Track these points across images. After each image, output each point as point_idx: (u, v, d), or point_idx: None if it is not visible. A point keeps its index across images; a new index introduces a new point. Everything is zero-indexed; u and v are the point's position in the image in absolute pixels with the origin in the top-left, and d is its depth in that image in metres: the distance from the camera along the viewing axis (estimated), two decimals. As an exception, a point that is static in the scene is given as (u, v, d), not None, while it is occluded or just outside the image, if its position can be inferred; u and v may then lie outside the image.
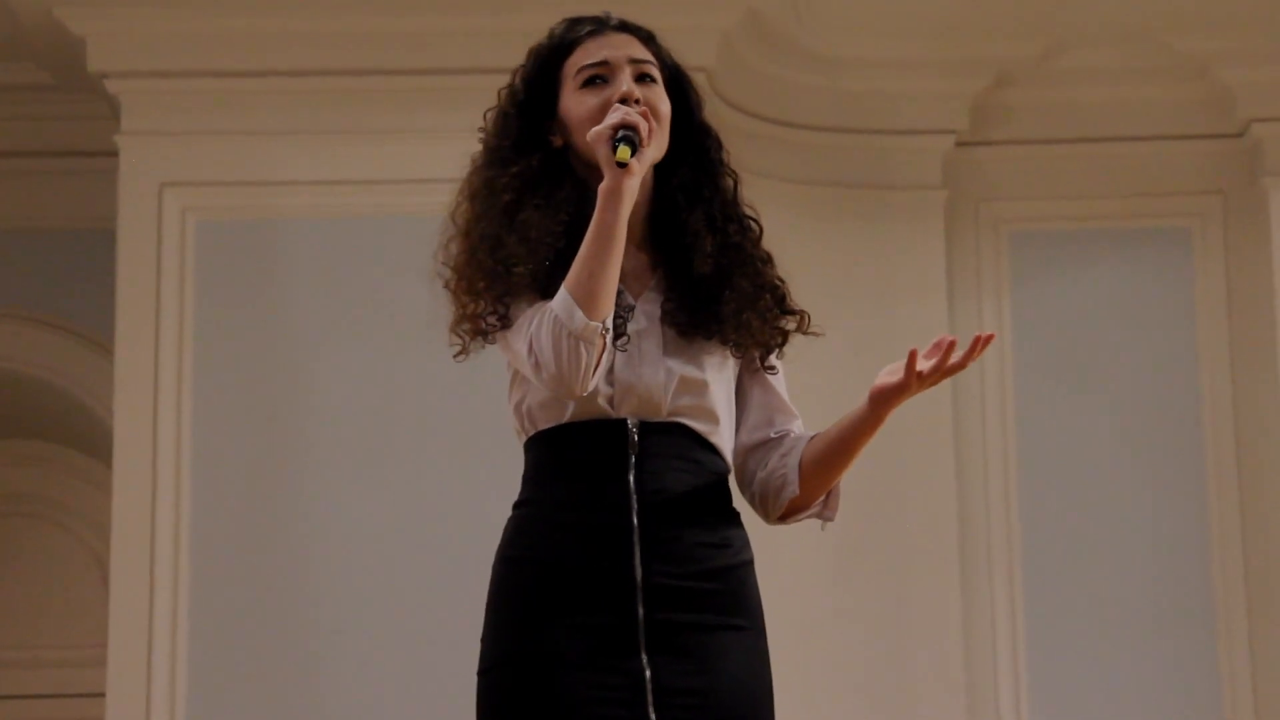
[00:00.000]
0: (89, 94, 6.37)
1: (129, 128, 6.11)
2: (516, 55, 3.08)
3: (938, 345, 2.94)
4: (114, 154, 6.12)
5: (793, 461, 3.01)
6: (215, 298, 6.05)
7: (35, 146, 6.74)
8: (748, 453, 3.05)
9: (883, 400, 2.95)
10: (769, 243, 3.08)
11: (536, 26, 3.10)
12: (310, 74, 6.10)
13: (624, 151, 2.78)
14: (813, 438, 3.01)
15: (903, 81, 6.56)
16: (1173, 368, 6.59)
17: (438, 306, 2.97)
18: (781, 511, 3.04)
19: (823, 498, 3.03)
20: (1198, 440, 6.55)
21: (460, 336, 2.95)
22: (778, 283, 3.03)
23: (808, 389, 3.17)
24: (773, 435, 3.05)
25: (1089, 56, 6.60)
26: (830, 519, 3.06)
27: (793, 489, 3.00)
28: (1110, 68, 6.62)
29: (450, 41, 6.05)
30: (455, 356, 2.97)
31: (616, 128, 2.81)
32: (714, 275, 2.96)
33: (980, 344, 2.91)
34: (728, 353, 2.97)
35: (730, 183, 3.06)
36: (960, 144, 6.65)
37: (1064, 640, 6.42)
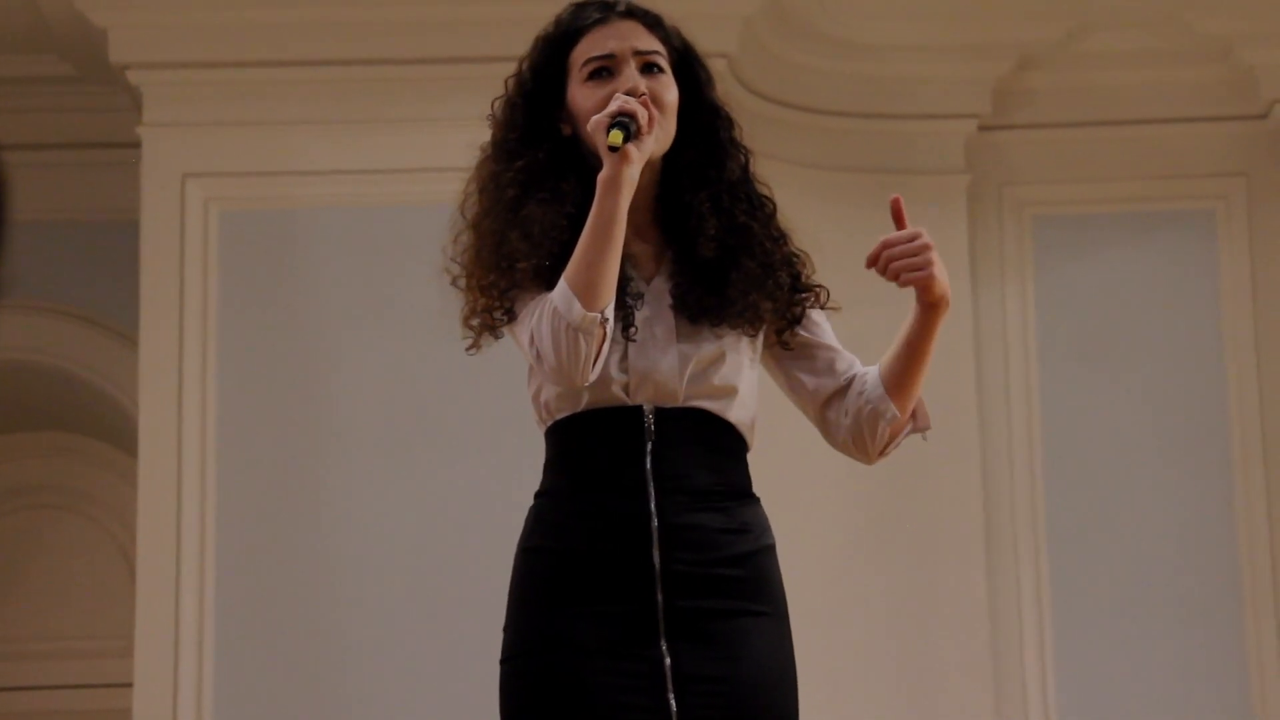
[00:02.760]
0: (111, 86, 6.38)
1: (151, 119, 6.12)
2: (531, 43, 3.07)
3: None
4: (136, 145, 6.13)
5: (878, 392, 2.98)
6: (238, 288, 6.05)
7: (58, 138, 6.75)
8: (824, 409, 3.03)
9: (926, 291, 2.93)
10: (793, 228, 3.06)
11: (550, 14, 3.09)
12: (331, 64, 6.11)
13: (615, 135, 2.76)
14: (880, 366, 2.99)
15: (924, 66, 6.54)
16: (1197, 351, 6.57)
17: (449, 299, 2.97)
18: (884, 443, 3.01)
19: (910, 416, 3.01)
20: (1223, 423, 6.53)
21: (471, 330, 2.95)
22: (792, 259, 3.01)
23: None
24: (841, 384, 3.02)
25: (1111, 39, 6.58)
26: (927, 428, 3.05)
27: (892, 413, 2.98)
28: (1133, 50, 6.60)
29: (470, 29, 6.05)
30: (467, 350, 2.97)
31: (614, 116, 2.79)
32: (719, 258, 2.94)
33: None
34: (741, 332, 2.95)
35: (740, 162, 3.03)
36: (983, 128, 6.63)
37: (1090, 626, 6.40)
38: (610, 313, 2.80)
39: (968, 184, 6.58)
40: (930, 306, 2.93)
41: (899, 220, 2.94)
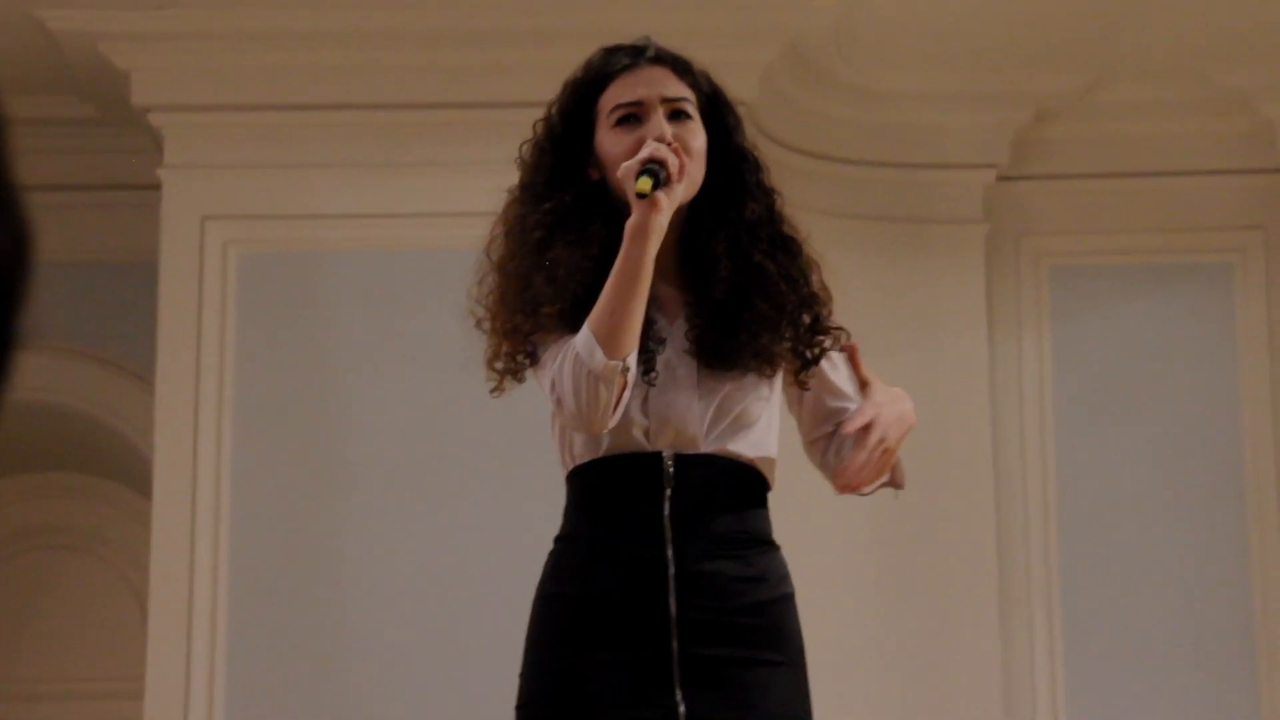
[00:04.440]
0: (132, 128, 6.40)
1: (171, 161, 6.14)
2: (553, 87, 3.08)
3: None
4: (156, 187, 6.15)
5: (830, 459, 2.99)
6: (256, 330, 6.06)
7: (78, 180, 6.76)
8: (813, 445, 3.04)
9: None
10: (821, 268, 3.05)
11: (576, 59, 3.09)
12: (351, 108, 6.13)
13: (644, 182, 2.76)
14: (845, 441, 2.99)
15: (943, 115, 6.55)
16: (1214, 404, 6.56)
17: (473, 341, 2.97)
18: (850, 492, 3.03)
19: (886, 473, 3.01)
20: (1239, 478, 6.51)
21: (495, 373, 2.94)
22: (812, 300, 2.99)
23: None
24: (832, 429, 3.03)
25: (1130, 90, 6.59)
26: (900, 487, 3.04)
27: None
28: (1151, 102, 6.60)
29: (490, 75, 6.07)
30: (491, 393, 2.97)
31: (644, 163, 2.79)
32: (731, 300, 2.93)
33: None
34: (758, 374, 2.94)
35: (765, 203, 3.02)
36: (1001, 178, 6.63)
37: (1104, 677, 6.38)
38: (633, 361, 2.80)
39: (986, 234, 6.59)
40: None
41: (855, 365, 2.89)
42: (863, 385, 2.88)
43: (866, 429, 2.84)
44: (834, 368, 3.03)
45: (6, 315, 1.05)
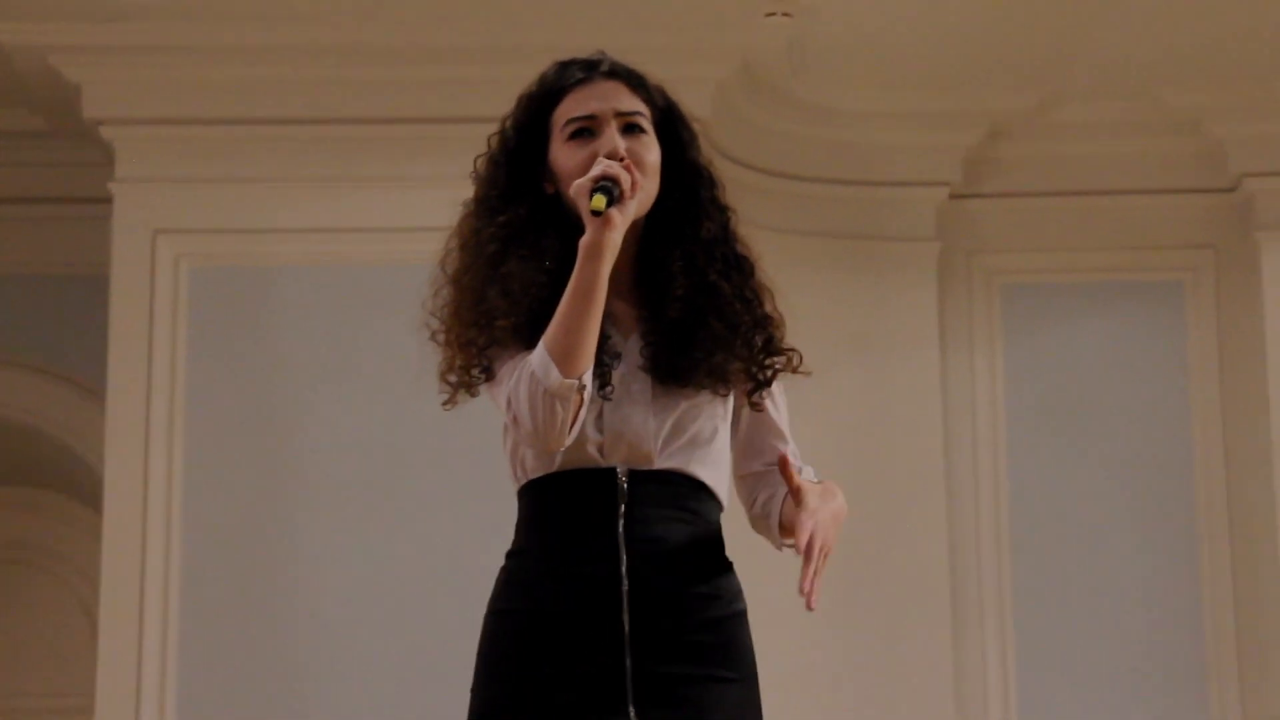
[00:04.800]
0: (83, 140, 6.38)
1: (123, 174, 6.12)
2: (508, 104, 3.07)
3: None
4: (108, 200, 6.13)
5: (773, 520, 2.99)
6: (208, 344, 6.04)
7: (29, 192, 6.74)
8: (742, 480, 3.04)
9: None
10: (773, 290, 3.05)
11: (530, 75, 3.09)
12: (303, 122, 6.11)
13: (598, 200, 2.75)
14: (782, 507, 2.98)
15: (896, 133, 6.57)
16: (1165, 420, 6.59)
17: (427, 355, 2.96)
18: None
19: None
20: (1190, 493, 6.54)
21: (448, 385, 2.93)
22: (765, 321, 2.99)
23: (800, 439, 3.16)
24: (760, 468, 3.03)
25: (1082, 110, 6.62)
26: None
27: (778, 541, 2.99)
28: (1103, 122, 6.64)
29: (443, 90, 6.06)
30: (443, 405, 2.96)
31: (596, 180, 2.79)
32: (686, 319, 2.92)
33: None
34: (712, 392, 2.94)
35: (720, 221, 3.02)
36: (953, 196, 6.66)
37: (1056, 692, 6.40)
38: (588, 379, 2.79)
39: (938, 251, 6.61)
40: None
41: (787, 478, 2.88)
42: (795, 493, 2.87)
43: (809, 544, 2.83)
44: (774, 406, 3.03)
45: None
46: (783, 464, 2.86)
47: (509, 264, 2.89)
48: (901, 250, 6.58)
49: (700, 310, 2.93)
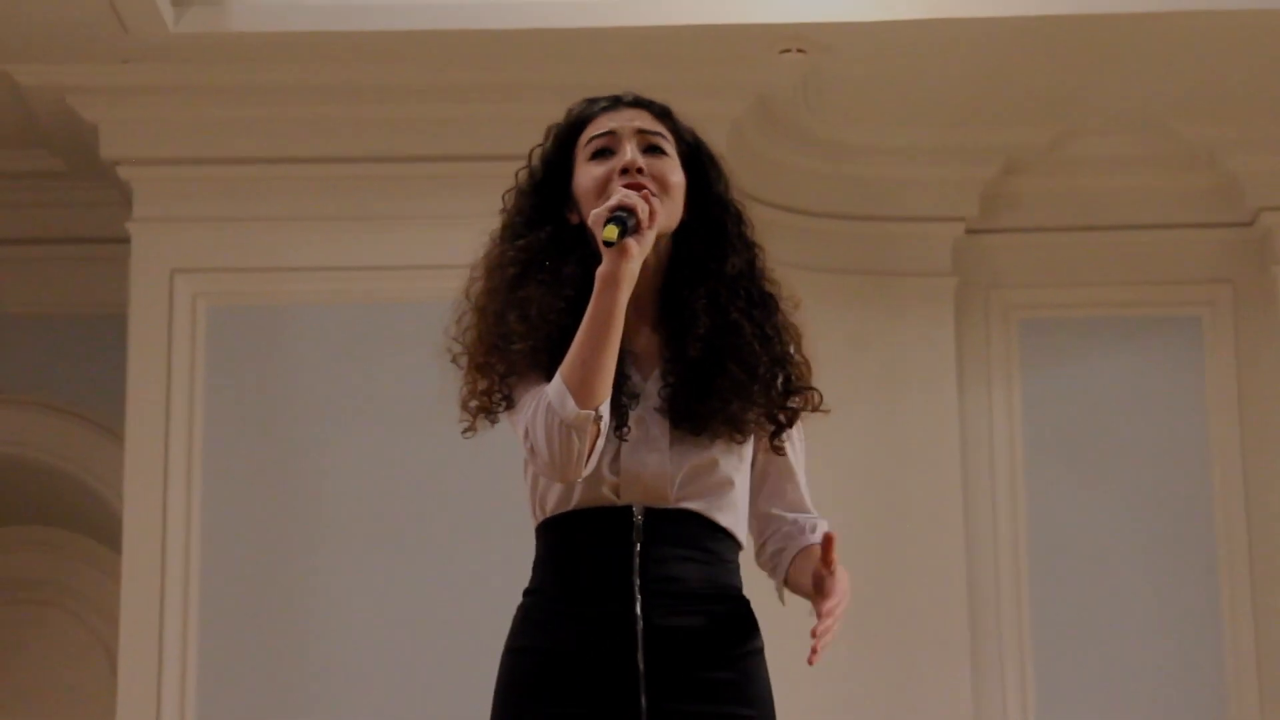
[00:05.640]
0: (101, 181, 6.40)
1: (140, 214, 6.13)
2: (523, 141, 3.08)
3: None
4: (125, 240, 6.14)
5: (779, 575, 2.99)
6: (225, 383, 6.05)
7: (47, 233, 6.76)
8: (760, 520, 3.03)
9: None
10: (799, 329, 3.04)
11: (543, 113, 3.10)
12: (320, 161, 6.13)
13: (610, 230, 2.73)
14: (796, 567, 2.97)
15: (912, 168, 6.57)
16: (1183, 455, 6.57)
17: (444, 390, 2.96)
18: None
19: None
20: (1209, 529, 6.52)
21: (468, 413, 2.93)
22: (785, 359, 2.97)
23: (818, 475, 3.16)
24: (776, 512, 3.02)
25: (1098, 145, 6.62)
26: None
27: (778, 587, 2.99)
28: (1119, 156, 6.63)
29: (457, 128, 6.07)
30: (464, 433, 2.95)
31: (613, 209, 2.79)
32: (706, 359, 2.92)
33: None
34: (729, 440, 2.93)
35: (746, 257, 3.02)
36: (970, 231, 6.66)
37: (1076, 729, 6.38)
38: (605, 410, 2.78)
39: (954, 286, 6.60)
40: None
41: (828, 561, 2.87)
42: (829, 571, 2.86)
43: (831, 611, 2.84)
44: (792, 447, 3.01)
45: None
46: (828, 544, 2.84)
47: (528, 288, 2.90)
48: (918, 285, 6.57)
49: (720, 352, 2.91)
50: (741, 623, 2.92)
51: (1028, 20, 5.87)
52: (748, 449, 2.97)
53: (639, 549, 2.86)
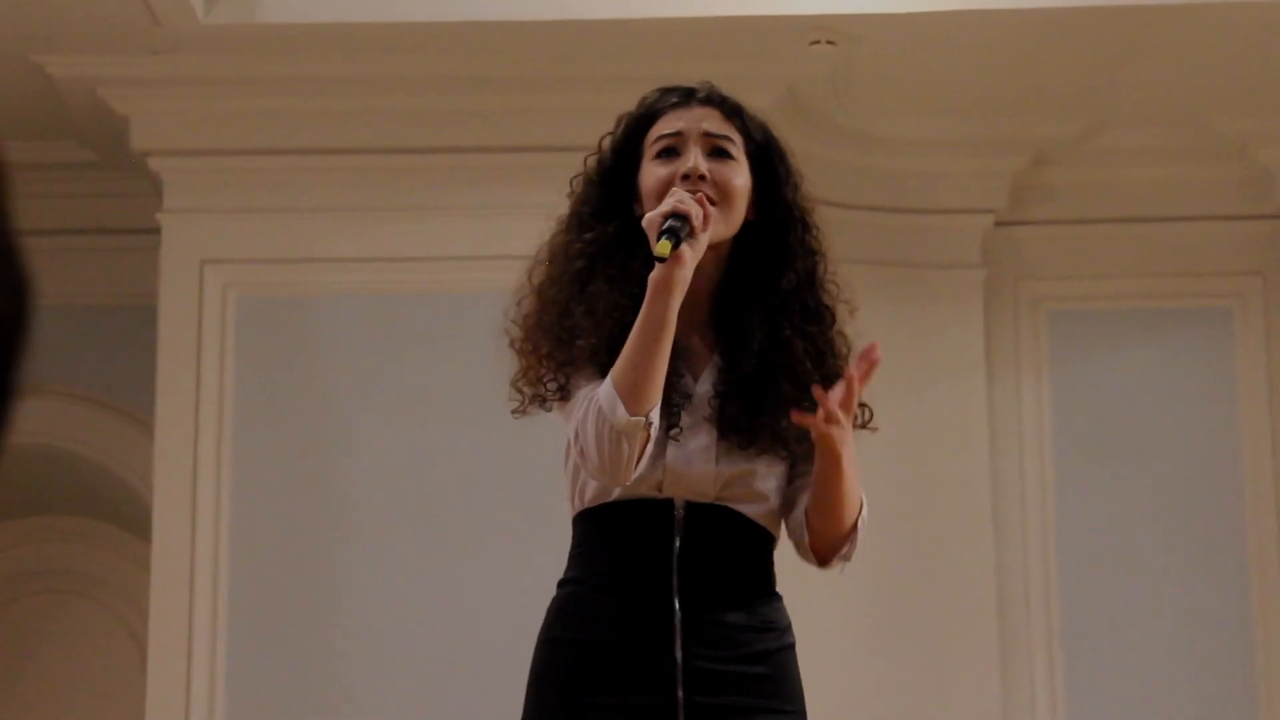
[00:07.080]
0: (131, 172, 6.41)
1: (171, 205, 6.15)
2: (553, 133, 3.10)
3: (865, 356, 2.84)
4: (156, 231, 6.16)
5: (800, 515, 2.96)
6: (255, 374, 6.07)
7: (78, 224, 6.77)
8: (797, 524, 3.02)
9: (823, 444, 2.83)
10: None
11: (572, 104, 3.12)
12: (349, 152, 6.14)
13: (663, 245, 2.72)
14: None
15: (941, 160, 6.56)
16: (1214, 449, 6.55)
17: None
18: (813, 560, 2.98)
19: (845, 543, 2.95)
20: (1240, 523, 6.51)
21: (520, 393, 2.93)
22: (833, 376, 2.91)
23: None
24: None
25: (1127, 136, 6.61)
26: (846, 559, 2.96)
27: (804, 538, 2.95)
28: (1149, 147, 6.62)
29: (487, 120, 6.08)
30: (513, 413, 2.95)
31: (666, 215, 2.77)
32: (758, 376, 2.91)
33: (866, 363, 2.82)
34: (773, 455, 2.92)
35: (806, 266, 3.01)
36: (999, 223, 6.64)
37: (1104, 722, 6.37)
38: (655, 415, 2.77)
39: (984, 279, 6.59)
40: (826, 450, 2.83)
41: (868, 363, 2.83)
42: (858, 383, 2.82)
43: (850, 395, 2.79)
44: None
45: (6, 366, 1.05)
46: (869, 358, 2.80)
47: (596, 283, 2.89)
48: (947, 277, 6.56)
49: (772, 368, 2.91)
50: (776, 618, 2.93)
51: (1057, 11, 5.86)
52: (789, 462, 2.97)
53: (679, 542, 2.86)
